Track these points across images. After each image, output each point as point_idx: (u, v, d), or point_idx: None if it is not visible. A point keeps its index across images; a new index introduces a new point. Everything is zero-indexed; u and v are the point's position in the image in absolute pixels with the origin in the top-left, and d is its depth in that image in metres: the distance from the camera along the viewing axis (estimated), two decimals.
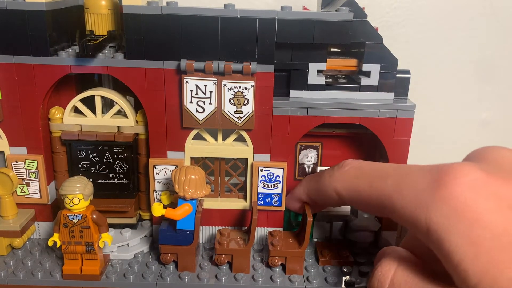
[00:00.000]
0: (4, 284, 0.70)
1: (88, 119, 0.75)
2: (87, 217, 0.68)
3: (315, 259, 0.76)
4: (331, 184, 0.63)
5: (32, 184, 0.76)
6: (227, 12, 0.67)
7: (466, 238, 0.44)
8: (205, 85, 0.70)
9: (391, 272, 0.53)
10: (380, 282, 0.53)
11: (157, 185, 0.76)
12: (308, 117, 0.73)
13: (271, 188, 0.77)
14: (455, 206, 0.46)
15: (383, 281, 0.53)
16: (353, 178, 0.60)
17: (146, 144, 0.76)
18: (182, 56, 0.69)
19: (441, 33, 1.08)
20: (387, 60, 0.73)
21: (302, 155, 0.84)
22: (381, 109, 0.73)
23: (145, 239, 0.79)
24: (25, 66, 0.70)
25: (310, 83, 0.74)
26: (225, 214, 0.80)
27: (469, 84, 1.12)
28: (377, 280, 0.54)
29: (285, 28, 0.68)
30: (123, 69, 0.70)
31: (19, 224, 0.74)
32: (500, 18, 1.07)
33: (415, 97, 0.76)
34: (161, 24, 0.68)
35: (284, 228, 0.80)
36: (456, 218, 0.45)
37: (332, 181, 0.63)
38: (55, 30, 0.72)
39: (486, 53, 1.10)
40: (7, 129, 0.74)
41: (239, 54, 0.69)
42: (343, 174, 0.61)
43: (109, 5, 0.72)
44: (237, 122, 0.72)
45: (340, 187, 0.62)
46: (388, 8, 1.06)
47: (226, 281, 0.71)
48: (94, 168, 0.78)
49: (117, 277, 0.71)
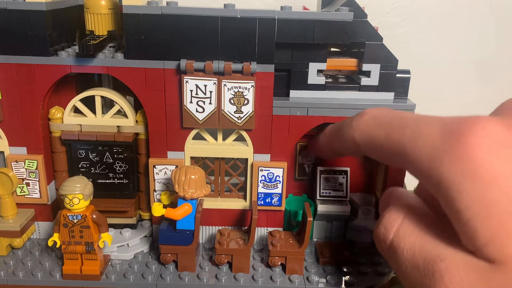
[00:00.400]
0: (4, 284, 0.70)
1: (88, 119, 0.75)
2: (87, 217, 0.68)
3: (315, 259, 0.76)
4: (349, 133, 0.61)
5: (32, 184, 0.76)
6: (227, 12, 0.67)
7: (479, 199, 0.43)
8: (205, 85, 0.70)
9: (398, 221, 0.52)
10: (386, 229, 0.53)
11: (157, 185, 0.76)
12: (308, 117, 0.73)
13: (271, 188, 0.76)
14: (470, 167, 0.44)
15: (389, 229, 0.52)
16: (371, 127, 0.57)
17: (146, 144, 0.76)
18: (182, 56, 0.69)
19: (441, 33, 1.08)
20: (387, 60, 0.73)
21: (302, 155, 0.84)
22: None
23: (145, 239, 0.79)
24: (25, 66, 0.70)
25: (310, 83, 0.74)
26: (225, 214, 0.80)
27: (469, 84, 1.12)
28: (384, 227, 0.53)
29: (285, 28, 0.68)
30: (123, 69, 0.70)
31: (19, 224, 0.74)
32: (500, 18, 1.07)
33: (415, 97, 0.76)
34: (161, 24, 0.68)
35: (284, 228, 0.80)
36: (470, 179, 0.44)
37: (350, 130, 0.61)
38: (55, 30, 0.72)
39: (486, 53, 1.10)
40: (7, 129, 0.74)
41: (239, 54, 0.69)
42: (361, 123, 0.59)
43: (109, 5, 0.71)
44: (237, 122, 0.72)
45: (358, 135, 0.59)
46: (388, 8, 1.07)
47: (226, 281, 0.71)
48: (94, 168, 0.78)
49: (117, 277, 0.71)
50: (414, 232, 0.50)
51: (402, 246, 0.50)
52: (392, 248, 0.51)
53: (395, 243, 0.51)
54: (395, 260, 0.51)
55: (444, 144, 0.46)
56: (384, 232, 0.53)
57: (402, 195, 0.56)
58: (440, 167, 0.46)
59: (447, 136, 0.46)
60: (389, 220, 0.53)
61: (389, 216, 0.53)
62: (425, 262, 0.47)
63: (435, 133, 0.48)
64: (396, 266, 0.51)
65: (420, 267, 0.48)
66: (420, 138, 0.49)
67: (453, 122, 0.47)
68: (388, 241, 0.52)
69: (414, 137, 0.50)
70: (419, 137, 0.49)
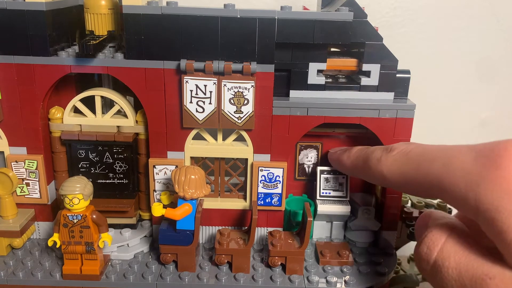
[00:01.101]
0: (4, 284, 0.70)
1: (88, 119, 0.75)
2: (87, 217, 0.68)
3: (315, 259, 0.76)
4: (377, 168, 0.62)
5: (32, 184, 0.76)
6: (227, 12, 0.67)
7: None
8: (205, 85, 0.70)
9: (441, 240, 0.51)
10: (429, 249, 0.52)
11: (157, 185, 0.76)
12: (308, 117, 0.73)
13: (271, 188, 0.76)
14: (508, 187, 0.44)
15: (433, 248, 0.51)
16: (400, 163, 0.59)
17: (146, 144, 0.76)
18: (182, 56, 0.69)
19: (441, 33, 1.08)
20: (387, 60, 0.73)
21: (302, 155, 0.84)
22: (381, 109, 0.73)
23: (145, 239, 0.79)
24: (25, 66, 0.70)
25: (310, 83, 0.74)
26: (225, 214, 0.80)
27: (469, 84, 1.12)
28: (426, 246, 0.52)
29: (285, 28, 0.68)
30: (123, 69, 0.70)
31: (19, 224, 0.74)
32: (500, 18, 1.07)
33: (415, 97, 0.76)
34: (161, 24, 0.68)
35: (284, 228, 0.80)
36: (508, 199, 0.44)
37: (379, 165, 0.62)
38: (55, 30, 0.72)
39: (486, 53, 1.10)
40: (7, 129, 0.74)
41: (239, 54, 0.69)
42: (390, 159, 0.61)
43: (109, 5, 0.71)
44: (237, 122, 0.72)
45: (387, 171, 0.61)
46: (388, 8, 1.06)
47: (226, 281, 0.71)
48: (94, 168, 0.78)
49: (117, 277, 0.71)
50: (459, 251, 0.50)
51: (446, 265, 0.49)
52: (435, 267, 0.51)
53: (439, 262, 0.50)
54: (439, 280, 0.50)
55: (479, 168, 0.47)
56: (427, 251, 0.52)
57: (442, 216, 0.56)
58: (478, 190, 0.46)
59: (481, 161, 0.48)
60: (432, 239, 0.52)
61: (432, 235, 0.52)
62: (472, 281, 0.47)
63: (468, 159, 0.49)
64: (439, 285, 0.51)
65: (467, 286, 0.47)
66: (453, 167, 0.50)
67: (485, 147, 0.49)
68: (431, 261, 0.51)
69: (448, 167, 0.51)
70: (452, 166, 0.50)
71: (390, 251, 0.79)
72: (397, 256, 0.80)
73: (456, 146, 0.53)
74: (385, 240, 0.80)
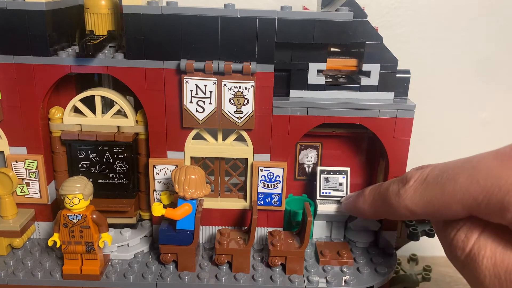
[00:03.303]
0: (4, 284, 0.70)
1: (88, 119, 0.75)
2: (87, 217, 0.68)
3: (315, 259, 0.76)
4: (400, 204, 0.59)
5: (32, 184, 0.76)
6: (227, 12, 0.67)
7: None
8: (205, 85, 0.70)
9: (479, 229, 0.51)
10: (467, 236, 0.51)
11: (157, 185, 0.76)
12: (308, 117, 0.73)
13: (271, 188, 0.77)
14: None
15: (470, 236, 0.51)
16: (423, 191, 0.56)
17: (146, 144, 0.76)
18: (182, 56, 0.69)
19: (441, 33, 1.08)
20: (387, 60, 0.73)
21: (302, 155, 0.84)
22: (381, 109, 0.73)
23: (145, 239, 0.79)
24: (25, 66, 0.70)
25: (310, 83, 0.74)
26: (225, 214, 0.80)
27: (469, 84, 1.12)
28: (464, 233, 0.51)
29: (285, 28, 0.68)
30: (123, 69, 0.70)
31: (19, 224, 0.74)
32: (500, 18, 1.07)
33: (415, 97, 0.76)
34: (161, 24, 0.68)
35: (284, 228, 0.80)
36: None
37: (399, 199, 0.59)
38: (55, 30, 0.72)
39: (486, 53, 1.10)
40: (7, 129, 0.74)
41: (239, 54, 0.69)
42: (410, 190, 0.58)
43: (109, 5, 0.71)
44: (237, 122, 0.72)
45: (411, 203, 0.58)
46: (388, 8, 1.06)
47: (226, 281, 0.71)
48: (94, 168, 0.78)
49: (117, 277, 0.71)
50: (495, 242, 0.49)
51: (482, 254, 0.49)
52: (470, 256, 0.50)
53: (475, 250, 0.50)
54: (473, 269, 0.50)
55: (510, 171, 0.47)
56: (465, 239, 0.51)
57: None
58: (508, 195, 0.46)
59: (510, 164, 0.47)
60: (471, 227, 0.51)
61: (471, 224, 0.52)
62: (507, 272, 0.47)
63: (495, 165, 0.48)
64: (472, 275, 0.50)
65: (501, 278, 0.47)
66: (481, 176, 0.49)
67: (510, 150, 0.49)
68: (467, 248, 0.51)
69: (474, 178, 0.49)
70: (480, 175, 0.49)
71: (390, 251, 0.79)
72: (397, 256, 0.80)
73: (475, 155, 0.52)
74: (385, 240, 0.80)
